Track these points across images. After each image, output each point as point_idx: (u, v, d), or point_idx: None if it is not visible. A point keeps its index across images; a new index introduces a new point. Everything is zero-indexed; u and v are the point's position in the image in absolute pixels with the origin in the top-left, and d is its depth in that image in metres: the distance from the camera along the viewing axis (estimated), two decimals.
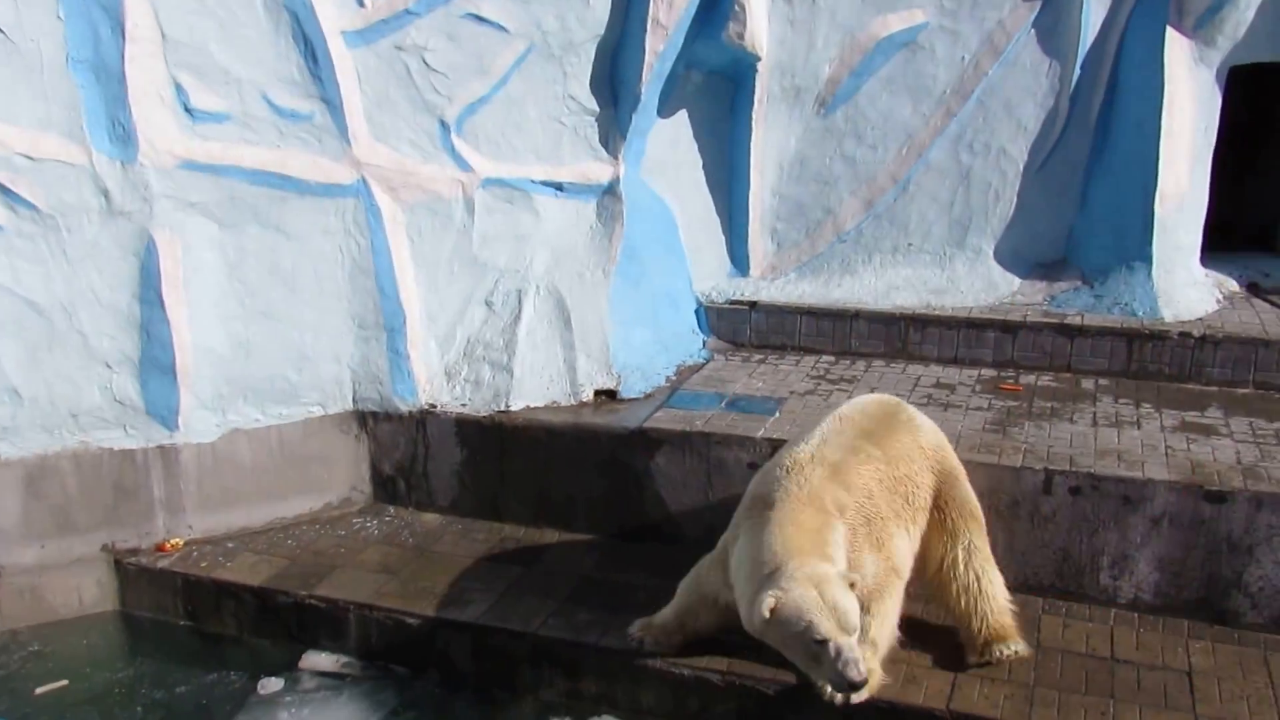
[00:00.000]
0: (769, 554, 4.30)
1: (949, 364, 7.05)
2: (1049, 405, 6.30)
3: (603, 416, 6.36)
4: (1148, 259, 7.01)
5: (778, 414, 6.21)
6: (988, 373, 6.91)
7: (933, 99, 7.39)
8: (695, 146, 7.72)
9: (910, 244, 7.56)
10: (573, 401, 6.54)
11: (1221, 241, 7.73)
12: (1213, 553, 5.21)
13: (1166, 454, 5.56)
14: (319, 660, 5.66)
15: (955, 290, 7.36)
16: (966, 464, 5.51)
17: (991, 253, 7.49)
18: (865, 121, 7.52)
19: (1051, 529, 5.43)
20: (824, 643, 4.10)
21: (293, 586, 5.80)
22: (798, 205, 7.71)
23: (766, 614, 4.15)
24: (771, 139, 7.65)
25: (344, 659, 5.65)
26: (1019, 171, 7.36)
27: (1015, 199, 7.40)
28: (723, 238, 7.88)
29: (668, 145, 7.47)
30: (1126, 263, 7.08)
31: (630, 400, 6.55)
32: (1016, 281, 7.43)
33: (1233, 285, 7.47)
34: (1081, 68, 7.19)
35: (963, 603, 4.90)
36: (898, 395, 6.46)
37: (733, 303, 7.55)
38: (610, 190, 6.94)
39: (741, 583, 4.40)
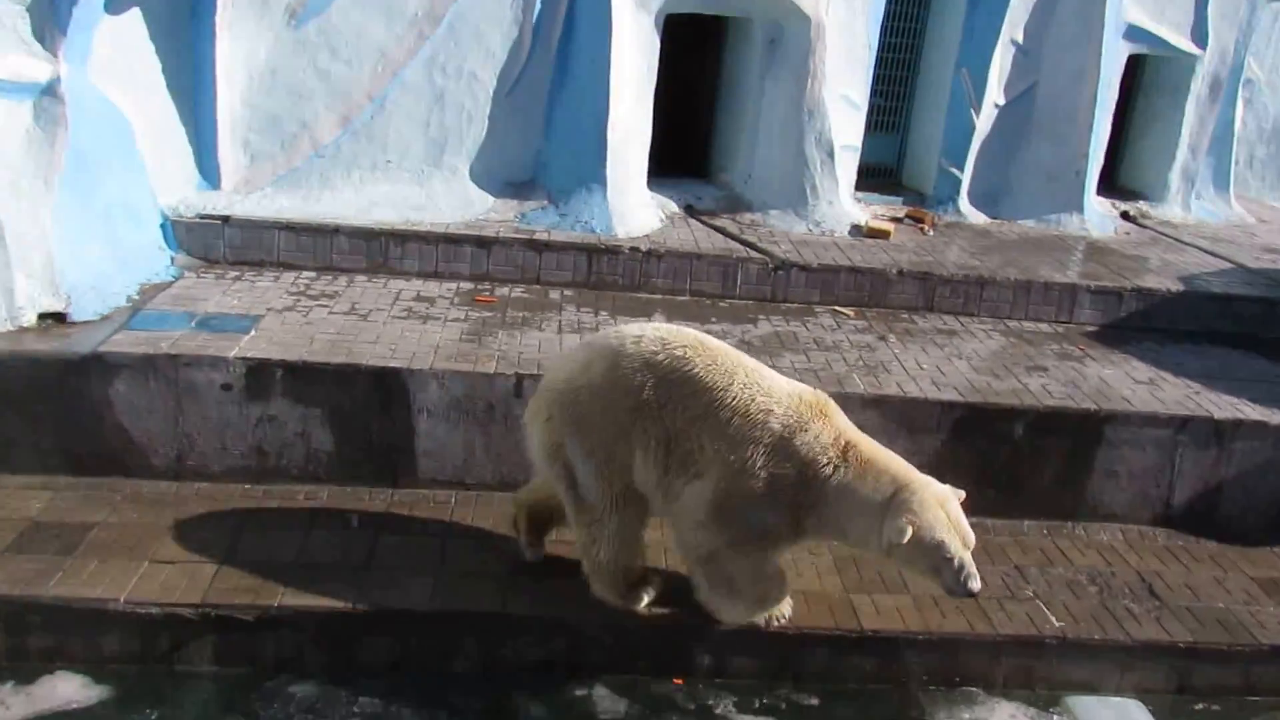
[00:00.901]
0: (880, 482, 4.42)
1: (429, 278, 7.10)
2: (521, 315, 6.60)
3: (49, 342, 5.60)
4: (603, 181, 7.56)
5: (254, 332, 5.87)
6: (465, 286, 7.07)
7: (405, 20, 7.33)
8: (154, 49, 6.96)
9: (389, 161, 7.48)
10: (10, 327, 5.67)
11: (663, 168, 8.54)
12: None
13: None
14: None
15: (434, 207, 7.42)
16: (446, 373, 5.65)
17: (467, 172, 7.65)
18: (339, 36, 7.26)
19: (523, 430, 5.71)
20: (950, 559, 4.33)
21: None
22: (271, 117, 7.29)
23: (905, 539, 4.28)
24: (240, 47, 7.13)
25: None
26: (489, 96, 7.56)
27: (487, 121, 7.60)
28: (190, 149, 7.24)
29: (121, 46, 6.64)
30: (585, 184, 7.59)
31: (84, 323, 5.82)
32: (491, 200, 7.65)
33: (673, 207, 8.29)
34: (542, 2, 7.51)
35: None
36: (379, 309, 6.45)
37: (204, 217, 6.97)
38: (49, 91, 6.02)
39: (857, 513, 4.46)
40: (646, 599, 4.89)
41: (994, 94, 9.09)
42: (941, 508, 4.37)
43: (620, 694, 4.78)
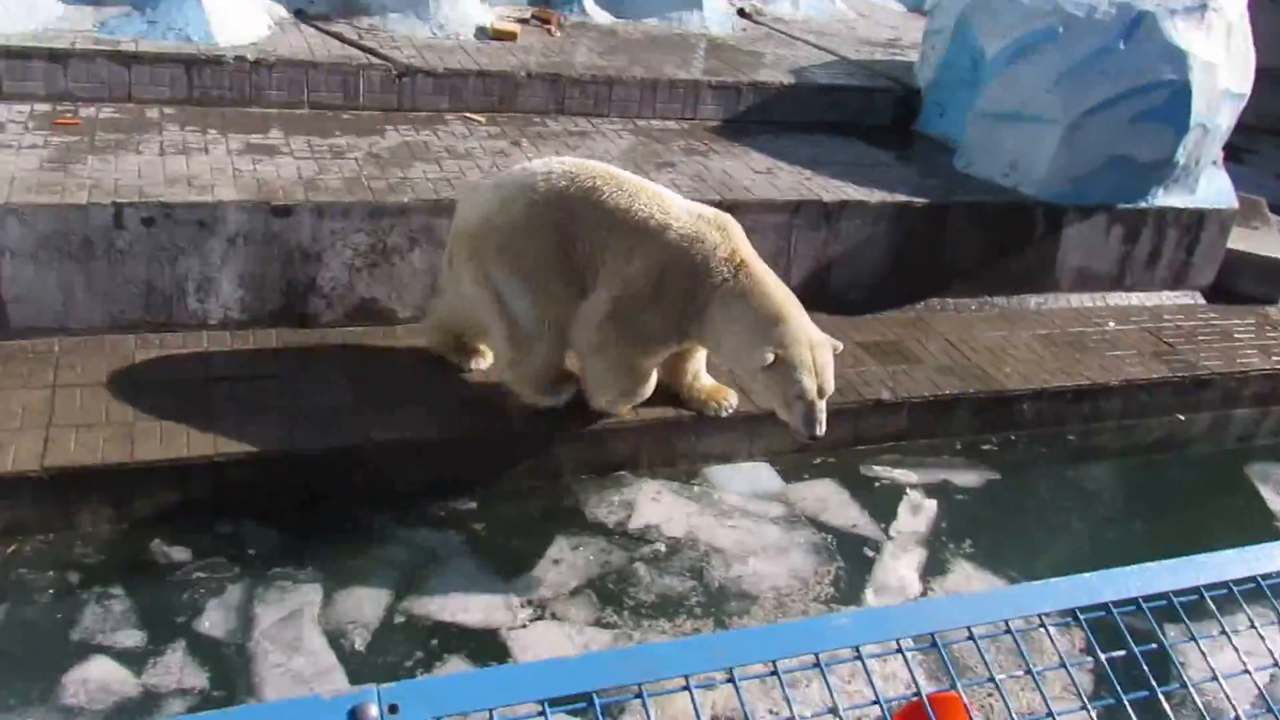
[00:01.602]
0: (763, 309, 4.71)
1: None
2: (113, 138, 5.93)
3: None
4: None
5: None
6: (41, 107, 6.21)
7: None
8: None
9: None
10: None
11: None
12: (288, 263, 5.55)
13: (235, 176, 5.66)
14: None
15: None
16: (27, 207, 5.06)
17: None
18: None
19: (131, 264, 5.25)
20: (802, 398, 4.61)
21: None
22: None
23: (764, 365, 4.60)
24: None
25: None
26: None
27: None
28: None
29: None
30: None
31: None
32: (61, 6, 6.69)
33: (281, 11, 7.63)
34: None
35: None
36: None
37: None
38: None
39: (734, 330, 4.76)
40: (568, 395, 5.26)
41: None
42: (810, 350, 4.66)
43: (270, 526, 4.70)
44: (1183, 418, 6.96)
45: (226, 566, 4.47)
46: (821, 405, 4.77)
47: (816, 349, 4.72)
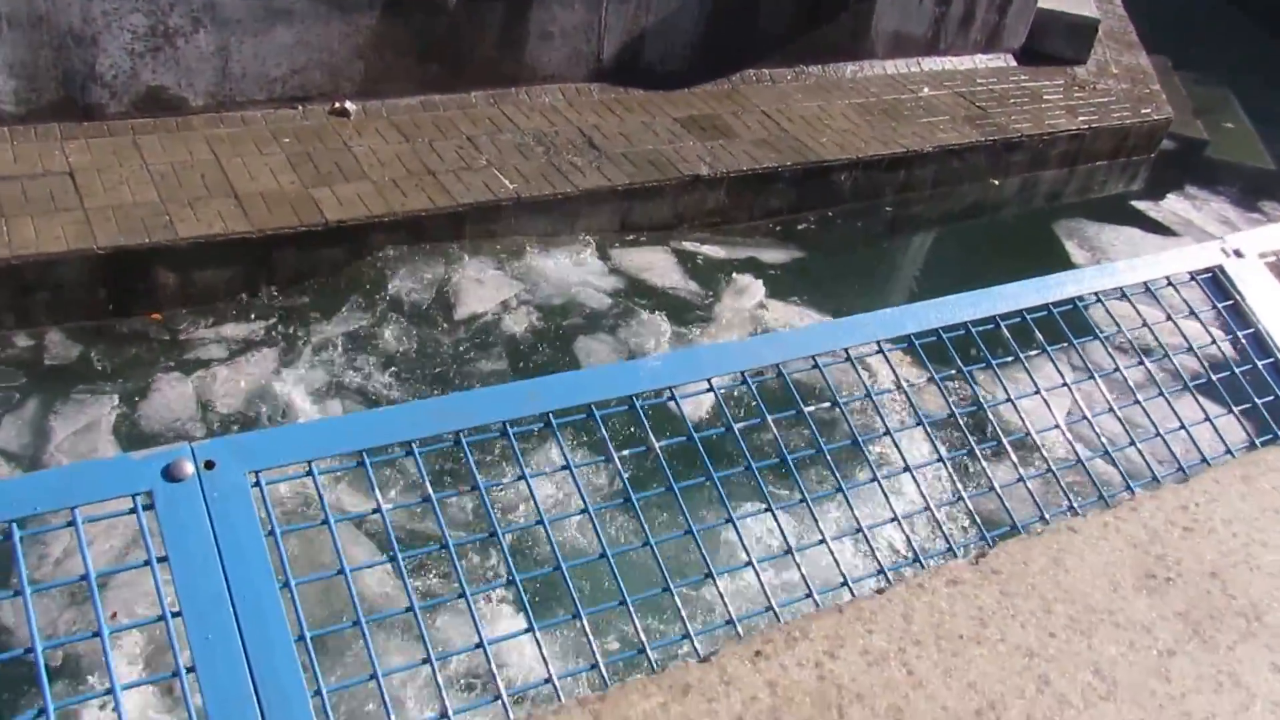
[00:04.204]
0: None
1: None
2: None
3: None
4: None
5: None
6: None
7: None
8: None
9: None
10: None
11: None
12: (61, 49, 5.65)
13: None
14: None
15: None
16: None
17: None
18: None
19: None
20: None
21: None
22: None
23: None
24: None
25: None
26: None
27: None
28: None
29: None
30: None
31: None
32: None
33: None
34: None
35: None
36: None
37: None
38: None
39: None
40: None
41: None
42: None
43: (76, 339, 5.04)
44: (995, 181, 7.88)
45: (25, 379, 4.78)
46: None
47: None
